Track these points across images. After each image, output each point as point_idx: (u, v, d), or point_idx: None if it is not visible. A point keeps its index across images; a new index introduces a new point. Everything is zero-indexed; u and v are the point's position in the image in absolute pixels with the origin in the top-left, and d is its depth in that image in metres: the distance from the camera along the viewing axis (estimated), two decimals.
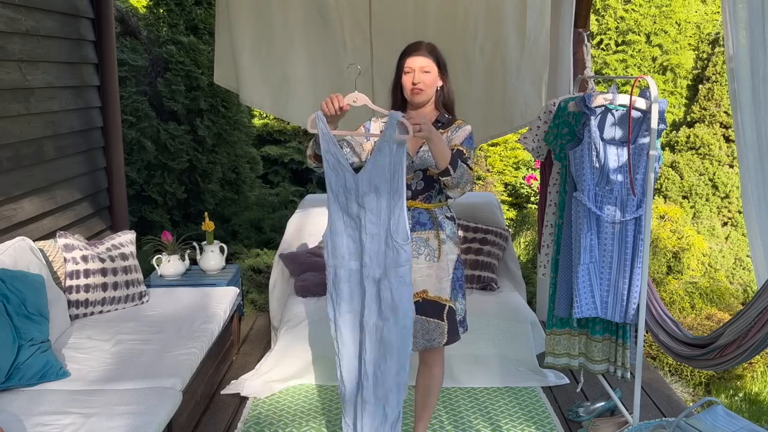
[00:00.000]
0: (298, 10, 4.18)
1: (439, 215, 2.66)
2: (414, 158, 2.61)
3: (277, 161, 7.67)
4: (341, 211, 2.49)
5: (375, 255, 2.45)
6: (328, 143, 2.43)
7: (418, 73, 2.55)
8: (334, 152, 2.43)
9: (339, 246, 2.52)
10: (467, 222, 4.36)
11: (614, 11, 7.38)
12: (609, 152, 2.85)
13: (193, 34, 6.37)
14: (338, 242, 2.51)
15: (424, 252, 2.63)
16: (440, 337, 2.66)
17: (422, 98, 2.59)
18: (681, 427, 2.09)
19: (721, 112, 6.75)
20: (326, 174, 2.48)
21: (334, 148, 2.43)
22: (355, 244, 2.50)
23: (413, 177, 2.61)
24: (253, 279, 5.30)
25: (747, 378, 4.53)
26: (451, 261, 2.66)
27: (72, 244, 3.44)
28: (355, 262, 2.50)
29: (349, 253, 2.51)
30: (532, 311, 3.93)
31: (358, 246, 2.49)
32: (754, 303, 2.42)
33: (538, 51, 4.07)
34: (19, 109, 3.55)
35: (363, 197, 2.42)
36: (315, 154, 2.58)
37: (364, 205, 2.43)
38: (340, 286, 2.53)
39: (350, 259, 2.51)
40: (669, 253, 5.76)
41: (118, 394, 2.65)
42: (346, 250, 2.51)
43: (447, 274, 2.65)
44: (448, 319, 2.66)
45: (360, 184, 2.41)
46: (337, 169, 2.45)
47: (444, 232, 2.65)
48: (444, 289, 2.65)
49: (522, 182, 7.12)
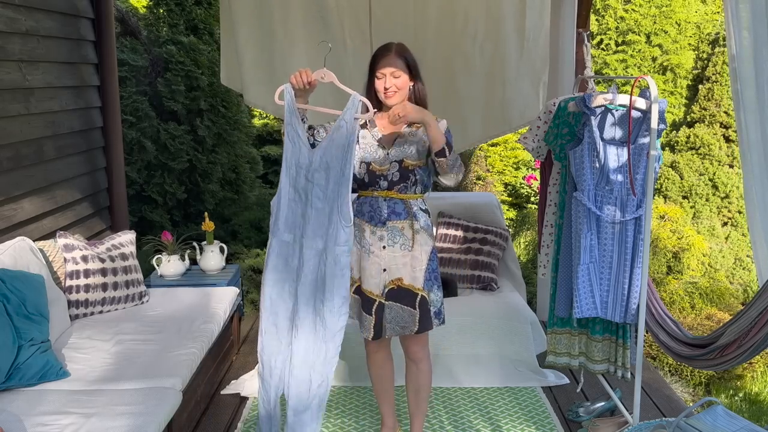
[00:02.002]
0: (299, 12, 4.18)
1: (414, 206, 2.73)
2: (390, 150, 2.69)
3: (277, 161, 7.67)
4: (289, 184, 2.60)
5: (318, 228, 2.55)
6: (291, 115, 2.56)
7: (389, 78, 2.63)
8: (294, 125, 2.56)
9: (280, 216, 2.62)
10: (467, 222, 4.36)
11: (614, 11, 7.38)
12: (609, 152, 2.85)
13: (193, 34, 6.36)
14: (280, 212, 2.62)
15: (399, 241, 2.70)
16: (412, 325, 2.72)
17: (395, 100, 2.66)
18: (681, 427, 2.09)
19: (721, 112, 6.75)
20: (285, 146, 2.58)
21: (296, 121, 2.55)
22: (294, 217, 2.60)
23: (389, 168, 2.67)
24: (253, 279, 5.30)
25: (747, 378, 4.53)
26: (425, 252, 2.73)
27: (72, 244, 3.44)
28: (288, 234, 2.61)
29: (285, 224, 2.61)
30: (532, 311, 3.93)
31: (297, 219, 2.59)
32: (755, 303, 2.42)
33: (538, 51, 4.07)
34: (19, 109, 3.55)
35: (313, 173, 2.53)
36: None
37: (313, 180, 2.54)
38: (270, 252, 2.63)
39: (285, 230, 2.62)
40: (669, 253, 5.76)
41: (118, 394, 2.65)
42: (283, 221, 2.61)
43: (420, 264, 2.72)
44: (420, 308, 2.72)
45: (313, 159, 2.53)
46: (295, 141, 2.56)
47: (418, 222, 2.71)
48: (417, 278, 2.71)
49: (522, 182, 7.12)
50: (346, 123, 2.47)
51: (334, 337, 2.55)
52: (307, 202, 2.56)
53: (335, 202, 2.51)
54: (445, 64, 4.30)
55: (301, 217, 2.58)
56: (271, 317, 2.64)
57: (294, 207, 2.59)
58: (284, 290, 2.62)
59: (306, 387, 2.58)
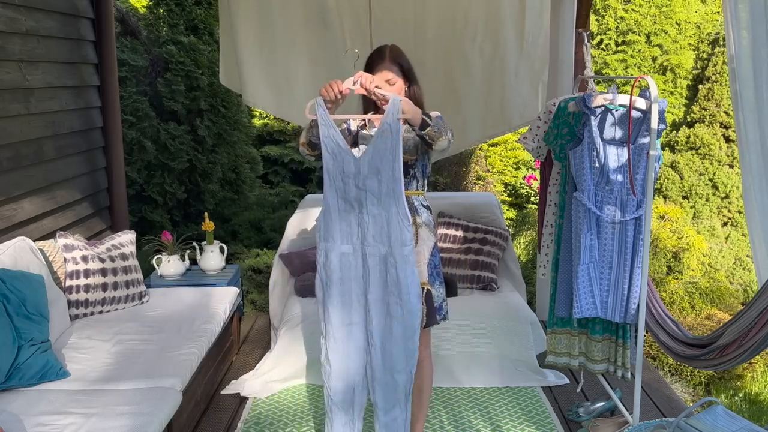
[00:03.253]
0: (299, 12, 4.19)
1: (416, 201, 2.73)
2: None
3: (277, 161, 7.67)
4: (337, 195, 2.55)
5: (379, 234, 2.52)
6: (328, 128, 2.49)
7: (385, 86, 2.62)
8: (333, 137, 2.49)
9: (332, 230, 2.58)
10: (467, 222, 4.36)
11: (614, 11, 7.38)
12: (609, 152, 2.85)
13: (193, 34, 6.36)
14: (332, 226, 2.58)
15: None
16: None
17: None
18: (681, 427, 2.09)
19: (721, 112, 6.75)
20: (324, 159, 2.53)
21: (334, 133, 2.49)
22: (349, 228, 2.56)
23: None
24: (253, 279, 5.30)
25: (747, 378, 4.53)
26: (428, 247, 2.73)
27: (72, 244, 3.44)
28: (347, 245, 2.57)
29: (341, 236, 2.58)
30: (532, 311, 3.93)
31: (354, 229, 2.55)
32: (755, 303, 2.42)
33: (537, 52, 4.08)
34: (19, 109, 3.55)
35: (365, 180, 2.49)
36: (309, 142, 2.63)
37: (366, 187, 2.49)
38: (331, 269, 2.59)
39: (342, 242, 2.58)
40: (669, 253, 5.76)
41: (118, 394, 2.65)
42: (338, 234, 2.57)
43: (424, 258, 2.72)
44: (426, 303, 2.72)
45: (361, 167, 2.48)
46: (336, 154, 2.50)
47: (420, 217, 2.72)
48: (422, 272, 2.71)
49: (522, 182, 7.12)
50: (390, 125, 2.44)
51: (413, 336, 2.56)
52: (362, 209, 2.53)
53: (392, 204, 2.49)
54: (444, 64, 4.30)
55: (357, 226, 2.55)
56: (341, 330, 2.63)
57: (347, 217, 2.56)
58: (353, 300, 2.61)
59: (392, 388, 2.61)
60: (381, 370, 2.62)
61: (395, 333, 2.56)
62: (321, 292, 2.65)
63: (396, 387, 2.62)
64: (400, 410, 2.64)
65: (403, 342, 2.57)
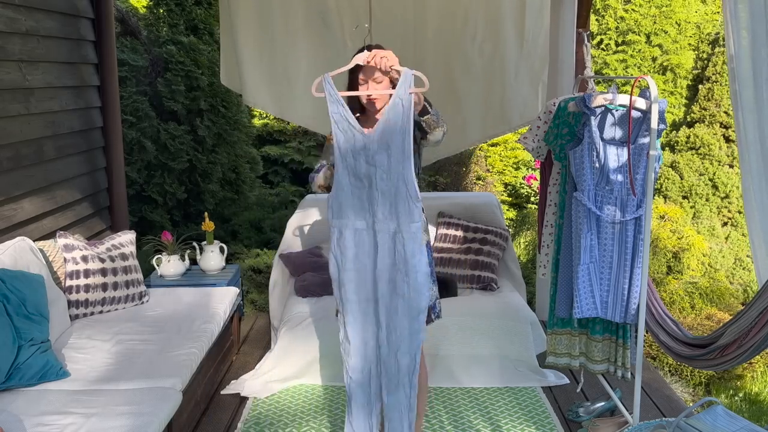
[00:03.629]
0: (299, 12, 4.19)
1: None
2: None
3: (277, 161, 7.68)
4: (348, 172, 2.55)
5: (389, 210, 2.51)
6: (336, 105, 2.50)
7: (372, 85, 2.62)
8: (342, 113, 2.50)
9: (345, 206, 2.58)
10: (467, 222, 4.36)
11: (614, 11, 7.38)
12: (609, 152, 2.85)
13: (193, 34, 6.37)
14: (345, 202, 2.57)
15: None
16: None
17: (379, 105, 2.67)
18: (681, 427, 2.09)
19: (721, 112, 6.75)
20: (335, 136, 2.53)
21: (342, 110, 2.50)
22: (361, 203, 2.56)
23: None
24: (253, 279, 5.30)
25: (747, 378, 4.53)
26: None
27: (72, 244, 3.44)
28: (360, 221, 2.57)
29: (354, 212, 2.57)
30: (532, 311, 3.93)
31: (365, 205, 2.55)
32: (755, 303, 2.42)
33: (537, 51, 4.08)
34: (19, 109, 3.55)
35: (374, 155, 2.48)
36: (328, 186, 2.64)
37: (375, 163, 2.49)
38: (345, 245, 2.59)
39: (356, 218, 2.58)
40: (669, 253, 5.76)
41: (118, 394, 2.65)
42: (351, 210, 2.57)
43: None
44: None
45: (371, 142, 2.48)
46: (347, 130, 2.51)
47: None
48: None
49: (522, 182, 7.13)
50: (402, 99, 2.42)
51: (419, 315, 2.55)
52: (372, 185, 2.52)
53: (401, 180, 2.48)
54: (444, 64, 4.31)
55: (368, 203, 2.55)
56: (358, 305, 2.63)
57: (359, 194, 2.55)
58: (365, 278, 2.61)
59: (396, 370, 2.60)
60: (386, 350, 2.61)
61: (401, 311, 2.56)
62: (336, 270, 2.64)
63: (399, 369, 2.62)
64: (404, 392, 2.63)
65: (408, 321, 2.56)
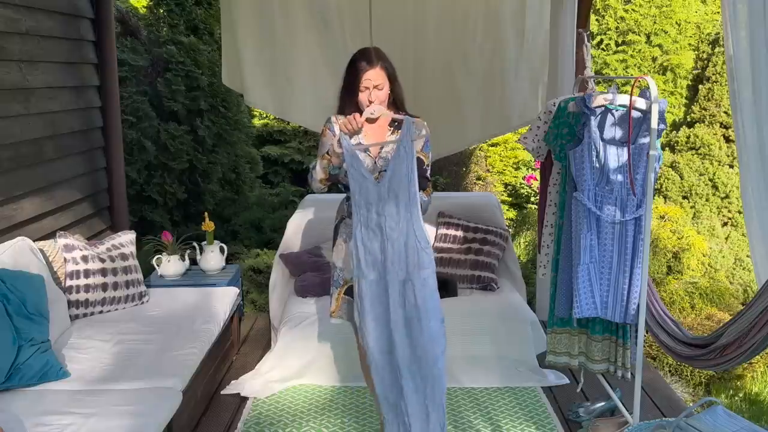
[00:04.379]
0: (299, 13, 4.19)
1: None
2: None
3: (277, 161, 7.68)
4: (360, 224, 2.59)
5: (398, 259, 2.55)
6: (352, 158, 2.55)
7: (374, 92, 2.65)
8: (357, 167, 2.55)
9: (360, 258, 2.60)
10: (467, 222, 4.36)
11: (614, 11, 7.37)
12: (609, 152, 2.85)
13: (193, 34, 6.37)
14: (360, 255, 2.60)
15: None
16: None
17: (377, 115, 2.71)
18: (681, 427, 2.09)
19: (721, 112, 6.75)
20: (351, 188, 2.58)
21: (357, 163, 2.56)
22: (372, 256, 2.58)
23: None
24: (253, 279, 5.30)
25: (747, 378, 4.53)
26: None
27: (72, 244, 3.44)
28: (373, 272, 2.59)
29: (366, 265, 2.60)
30: (532, 311, 3.93)
31: (378, 256, 2.58)
32: (755, 303, 2.42)
33: (537, 52, 4.08)
34: (19, 109, 3.55)
35: (383, 206, 2.53)
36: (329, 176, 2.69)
37: (384, 212, 2.54)
38: (362, 295, 2.61)
39: (368, 271, 2.60)
40: (669, 253, 5.76)
41: (118, 394, 2.65)
42: (364, 263, 2.60)
43: None
44: None
45: (381, 192, 2.53)
46: (361, 183, 2.56)
47: None
48: None
49: (522, 182, 7.13)
50: (405, 148, 2.50)
51: (436, 362, 2.55)
52: (383, 235, 2.56)
53: (408, 226, 2.54)
54: (444, 64, 4.31)
55: (380, 253, 2.57)
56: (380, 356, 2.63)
57: (371, 245, 2.59)
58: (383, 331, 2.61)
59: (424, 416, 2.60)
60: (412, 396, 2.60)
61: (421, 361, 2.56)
62: (357, 317, 2.66)
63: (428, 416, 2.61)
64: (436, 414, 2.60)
65: (428, 368, 2.56)
